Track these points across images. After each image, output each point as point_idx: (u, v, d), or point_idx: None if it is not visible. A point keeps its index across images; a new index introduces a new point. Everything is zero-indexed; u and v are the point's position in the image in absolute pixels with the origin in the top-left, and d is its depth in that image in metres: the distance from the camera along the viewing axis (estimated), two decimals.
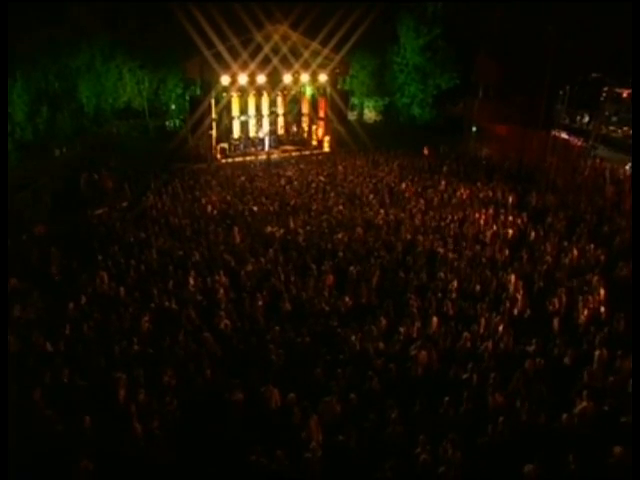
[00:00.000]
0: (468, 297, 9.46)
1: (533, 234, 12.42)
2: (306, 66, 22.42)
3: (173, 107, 31.51)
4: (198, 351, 7.80)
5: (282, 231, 12.95)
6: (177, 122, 30.09)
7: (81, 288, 9.76)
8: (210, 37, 19.62)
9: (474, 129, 27.24)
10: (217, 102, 21.94)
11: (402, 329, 8.22)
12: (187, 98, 25.09)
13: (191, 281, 10.02)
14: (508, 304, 8.94)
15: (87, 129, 24.29)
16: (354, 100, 31.54)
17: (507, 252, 11.39)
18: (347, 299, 9.32)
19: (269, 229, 13.11)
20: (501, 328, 8.06)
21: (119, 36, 24.46)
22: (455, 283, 9.81)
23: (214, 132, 21.97)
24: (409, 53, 29.48)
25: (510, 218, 13.59)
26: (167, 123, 30.96)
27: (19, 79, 19.46)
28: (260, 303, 9.05)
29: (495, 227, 13.00)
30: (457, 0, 28.95)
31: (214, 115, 21.81)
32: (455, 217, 13.85)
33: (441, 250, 11.53)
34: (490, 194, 16.25)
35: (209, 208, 14.89)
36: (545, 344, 7.69)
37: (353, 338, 7.95)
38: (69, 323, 8.53)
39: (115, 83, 25.55)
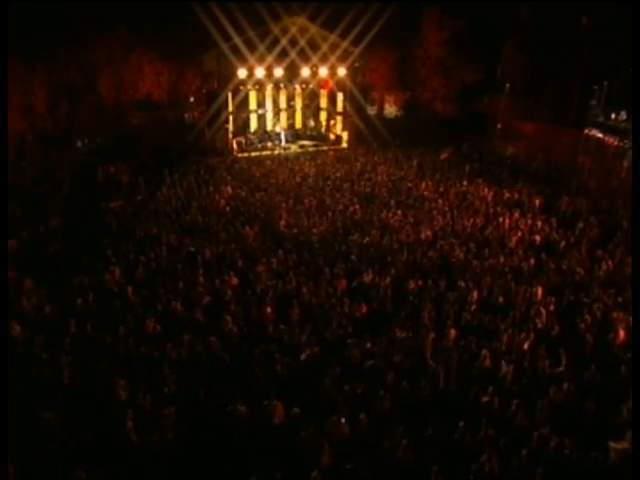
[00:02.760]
0: (490, 310, 8.83)
1: (563, 242, 11.59)
2: (324, 59, 21.79)
3: (192, 99, 31.47)
4: (202, 357, 7.52)
5: (295, 230, 12.57)
6: (195, 114, 30.03)
7: (89, 284, 9.63)
8: (227, 29, 19.22)
9: (499, 126, 26.07)
10: (234, 95, 21.60)
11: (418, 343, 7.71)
12: (204, 91, 24.87)
13: (200, 281, 9.75)
14: (534, 320, 8.27)
15: (107, 121, 24.43)
16: (374, 94, 30.67)
17: (533, 261, 10.65)
18: (360, 307, 8.84)
19: (282, 228, 12.73)
20: (526, 346, 7.44)
21: (138, 29, 24.39)
22: (475, 293, 9.20)
23: (230, 126, 21.68)
24: (432, 46, 28.40)
25: (538, 223, 12.77)
26: (186, 115, 30.93)
27: (40, 72, 19.58)
28: (269, 310, 8.67)
29: (520, 233, 12.23)
30: None
31: (231, 109, 21.50)
32: (477, 221, 13.13)
33: (461, 256, 10.88)
34: (515, 196, 15.38)
35: (222, 204, 14.63)
36: (575, 367, 7.04)
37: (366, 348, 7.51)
38: (75, 321, 8.38)
39: (134, 75, 25.58)
